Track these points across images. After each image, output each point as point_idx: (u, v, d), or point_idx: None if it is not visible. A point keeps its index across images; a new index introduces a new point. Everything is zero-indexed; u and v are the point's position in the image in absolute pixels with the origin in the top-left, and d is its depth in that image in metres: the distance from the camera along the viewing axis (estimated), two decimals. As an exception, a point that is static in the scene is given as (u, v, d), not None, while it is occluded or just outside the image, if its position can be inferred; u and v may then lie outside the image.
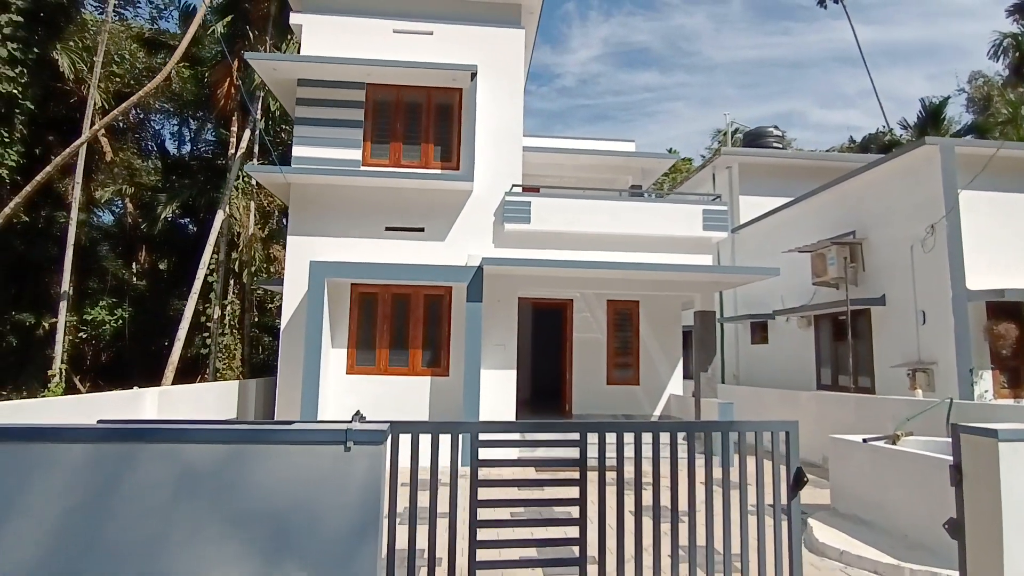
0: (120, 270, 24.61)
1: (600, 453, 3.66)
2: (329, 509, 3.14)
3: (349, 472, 3.16)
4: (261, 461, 3.15)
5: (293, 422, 3.42)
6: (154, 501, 3.07)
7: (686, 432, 3.80)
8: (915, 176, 10.53)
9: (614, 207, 10.97)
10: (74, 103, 20.00)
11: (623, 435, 3.70)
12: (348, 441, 3.16)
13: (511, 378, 10.53)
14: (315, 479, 3.15)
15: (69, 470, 3.06)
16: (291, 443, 3.18)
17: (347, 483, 3.16)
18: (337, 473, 3.16)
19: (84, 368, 22.44)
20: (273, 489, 3.14)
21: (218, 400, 10.68)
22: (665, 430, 3.78)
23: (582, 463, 3.65)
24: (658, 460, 3.79)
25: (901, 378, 10.52)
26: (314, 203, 10.66)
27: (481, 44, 11.28)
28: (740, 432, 3.89)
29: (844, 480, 6.96)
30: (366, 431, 3.19)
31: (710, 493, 3.79)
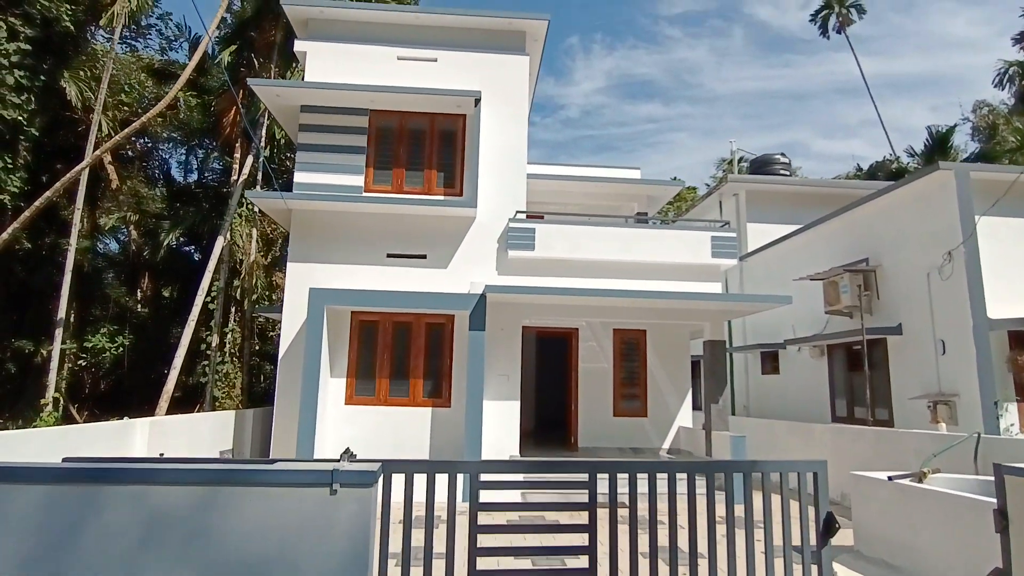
0: (123, 297, 24.50)
1: (611, 495, 3.34)
2: (312, 559, 2.83)
3: (335, 517, 2.86)
4: (237, 504, 2.85)
5: (275, 460, 3.13)
6: (119, 548, 2.77)
7: (705, 473, 3.49)
8: (929, 202, 10.30)
9: (620, 234, 10.75)
10: (82, 131, 20.08)
11: (636, 476, 3.39)
12: (334, 483, 2.87)
13: (515, 409, 10.18)
14: (297, 525, 2.85)
15: (27, 514, 2.77)
16: (270, 485, 2.89)
17: (332, 530, 2.85)
18: (321, 518, 2.86)
19: (83, 396, 22.14)
20: (250, 536, 2.84)
21: (213, 431, 10.34)
22: (681, 470, 3.47)
23: (591, 506, 3.33)
24: (674, 498, 3.46)
25: (921, 410, 10.11)
26: (315, 229, 10.49)
27: (485, 71, 11.23)
28: (764, 472, 3.57)
29: (868, 520, 6.56)
30: (354, 472, 2.90)
31: (732, 535, 3.46)
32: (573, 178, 14.29)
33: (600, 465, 3.36)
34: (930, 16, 57.03)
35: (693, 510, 3.44)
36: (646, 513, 3.39)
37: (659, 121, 68.58)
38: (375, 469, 2.92)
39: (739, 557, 3.47)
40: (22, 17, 14.33)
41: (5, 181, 14.30)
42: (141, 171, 24.91)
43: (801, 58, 63.41)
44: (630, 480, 3.37)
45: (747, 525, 3.47)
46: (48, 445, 6.27)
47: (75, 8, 15.68)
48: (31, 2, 14.35)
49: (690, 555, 3.38)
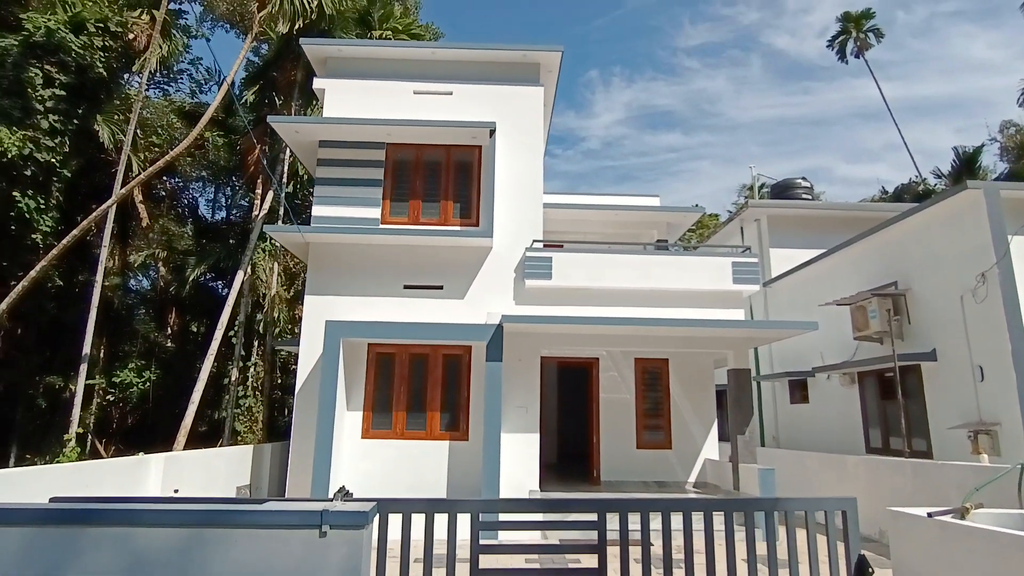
0: (152, 332, 24.95)
1: (622, 535, 3.14)
2: (300, 606, 2.67)
3: (324, 561, 2.71)
4: (222, 548, 2.72)
5: (264, 500, 3.01)
6: (101, 595, 2.65)
7: (724, 511, 3.26)
8: (959, 222, 9.94)
9: (638, 261, 10.59)
10: (115, 172, 20.82)
11: (648, 516, 3.18)
12: (323, 524, 2.73)
13: (534, 442, 9.93)
14: (285, 569, 2.71)
15: (7, 558, 2.67)
16: (256, 527, 2.75)
17: (322, 574, 2.70)
18: (310, 562, 2.71)
19: (110, 431, 22.40)
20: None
21: (229, 466, 10.29)
22: (699, 508, 3.26)
23: (600, 548, 3.12)
24: (691, 536, 3.23)
25: (961, 441, 9.58)
26: (332, 262, 10.54)
27: (500, 102, 11.32)
28: (788, 511, 3.33)
29: (909, 560, 6.10)
30: (345, 513, 2.76)
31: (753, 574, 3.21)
32: (591, 207, 14.22)
33: (611, 503, 3.17)
34: (950, 40, 56.59)
35: (711, 550, 3.20)
36: (662, 552, 3.18)
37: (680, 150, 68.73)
38: (367, 510, 2.77)
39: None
40: (57, 65, 14.98)
41: (38, 220, 14.74)
42: (171, 210, 25.65)
43: (820, 84, 63.24)
44: (642, 519, 3.16)
45: (771, 566, 3.22)
46: (61, 481, 6.24)
47: (108, 55, 16.33)
48: (66, 50, 14.99)
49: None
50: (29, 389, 19.86)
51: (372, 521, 2.89)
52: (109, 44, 16.36)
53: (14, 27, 15.87)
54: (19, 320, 19.33)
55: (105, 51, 16.24)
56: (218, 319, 15.15)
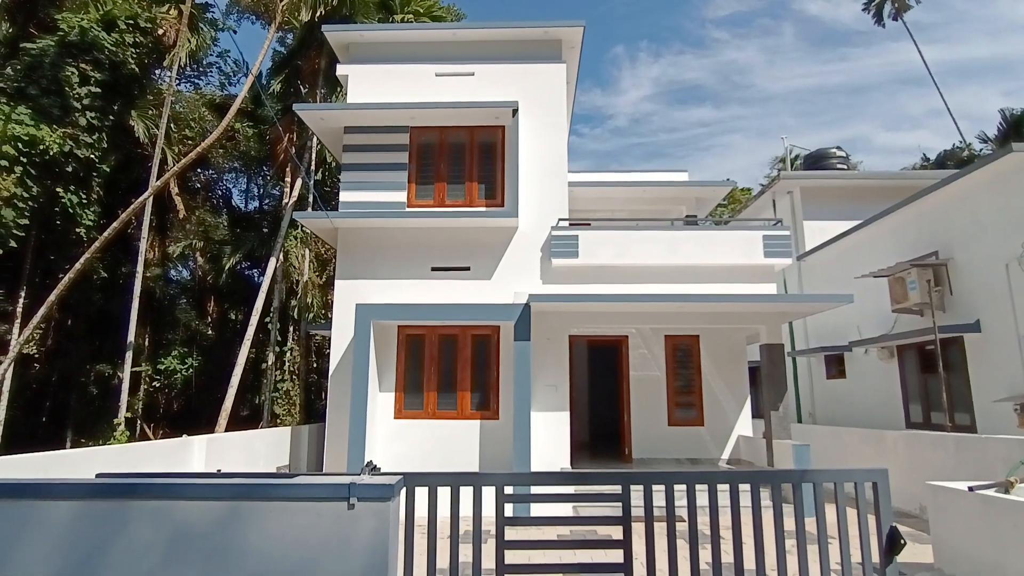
0: (193, 321, 25.78)
1: (647, 507, 3.15)
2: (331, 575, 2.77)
3: (352, 533, 2.80)
4: (257, 521, 2.83)
5: (296, 474, 3.11)
6: (143, 567, 2.79)
7: (750, 483, 3.24)
8: (1004, 187, 9.51)
9: (666, 237, 10.44)
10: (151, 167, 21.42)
11: (672, 488, 3.18)
12: (351, 497, 2.81)
13: (564, 420, 9.98)
14: (316, 541, 2.80)
15: (57, 529, 2.83)
16: (288, 499, 2.85)
17: (351, 545, 2.79)
18: (339, 534, 2.80)
19: (158, 416, 23.31)
20: (269, 552, 2.81)
21: (269, 447, 10.62)
22: (724, 481, 3.24)
23: (625, 520, 3.14)
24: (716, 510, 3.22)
25: (1007, 414, 9.27)
26: (361, 247, 10.68)
27: (523, 81, 11.22)
28: (816, 484, 3.29)
29: (949, 536, 6.01)
30: (372, 486, 2.83)
31: (781, 550, 3.19)
32: (618, 184, 14.07)
33: (634, 476, 3.18)
34: None
35: (737, 523, 3.20)
36: (686, 527, 3.18)
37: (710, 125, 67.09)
38: (394, 483, 2.84)
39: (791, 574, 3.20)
40: (92, 63, 15.38)
41: (80, 215, 15.29)
42: (207, 201, 26.28)
43: (857, 51, 60.73)
44: (666, 492, 3.16)
45: (799, 539, 3.20)
46: (110, 462, 6.54)
47: (139, 51, 16.70)
48: (100, 48, 15.38)
49: (736, 572, 3.13)
50: (81, 377, 20.79)
51: (399, 494, 2.96)
52: (139, 40, 16.74)
53: (51, 28, 16.36)
54: (69, 311, 20.19)
55: (136, 47, 16.62)
56: (253, 305, 15.53)
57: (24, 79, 14.86)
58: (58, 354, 19.88)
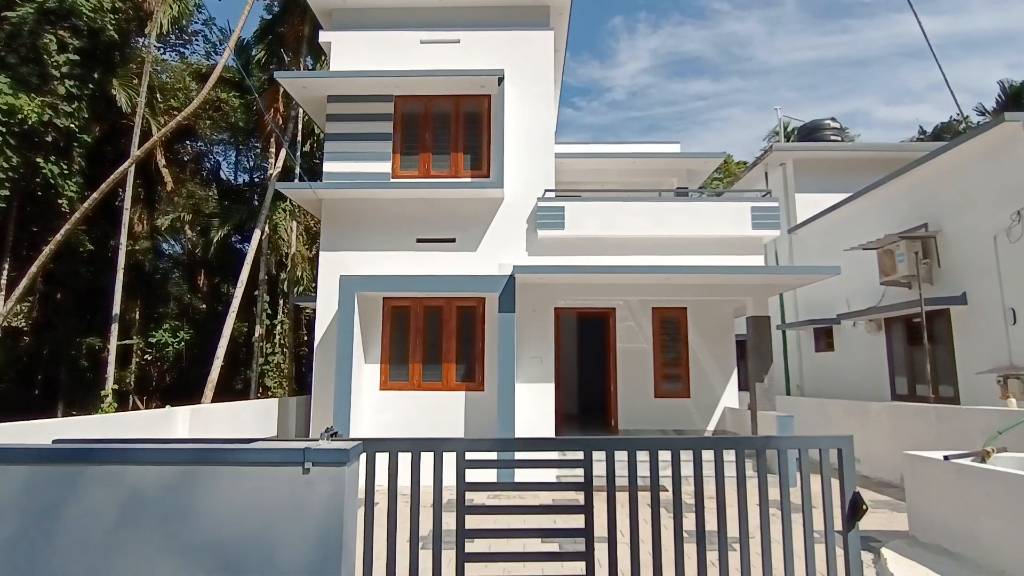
0: (185, 295, 25.70)
1: (609, 474, 3.13)
2: (286, 540, 2.75)
3: (308, 497, 2.77)
4: (212, 485, 2.80)
5: (255, 440, 3.07)
6: (97, 530, 2.76)
7: (713, 449, 3.22)
8: (995, 158, 9.41)
9: (653, 208, 10.34)
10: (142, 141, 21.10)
11: (635, 454, 3.16)
12: (306, 462, 2.77)
13: (549, 392, 9.99)
14: (271, 505, 2.77)
15: (9, 494, 2.80)
16: (243, 464, 2.81)
17: (305, 510, 2.76)
18: (294, 499, 2.77)
19: (150, 389, 23.39)
20: (224, 517, 2.78)
21: (255, 418, 10.64)
22: (687, 447, 3.22)
23: (587, 487, 3.12)
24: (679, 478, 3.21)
25: (990, 386, 9.32)
26: (345, 218, 10.56)
27: (509, 48, 10.98)
28: (780, 449, 3.27)
29: (924, 504, 6.05)
30: (327, 451, 2.80)
31: (744, 516, 3.19)
32: (608, 155, 13.88)
33: (597, 442, 3.15)
34: (1004, -36, 52.50)
35: (700, 489, 3.18)
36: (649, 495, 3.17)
37: (709, 98, 66.22)
38: (349, 448, 2.80)
39: (755, 539, 3.20)
40: (70, 30, 15.00)
41: (62, 186, 15.07)
42: (196, 174, 25.98)
43: (860, 22, 59.76)
44: (629, 458, 3.14)
45: (762, 505, 3.19)
46: (90, 432, 6.52)
47: (118, 17, 16.28)
48: (78, 14, 14.98)
49: (697, 538, 3.13)
50: (72, 350, 20.78)
51: (356, 459, 2.92)
52: (118, 5, 16.30)
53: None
54: (57, 285, 20.09)
55: (115, 13, 16.20)
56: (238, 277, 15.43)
57: (4, 48, 14.51)
58: (47, 327, 19.82)
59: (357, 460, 2.96)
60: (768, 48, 64.40)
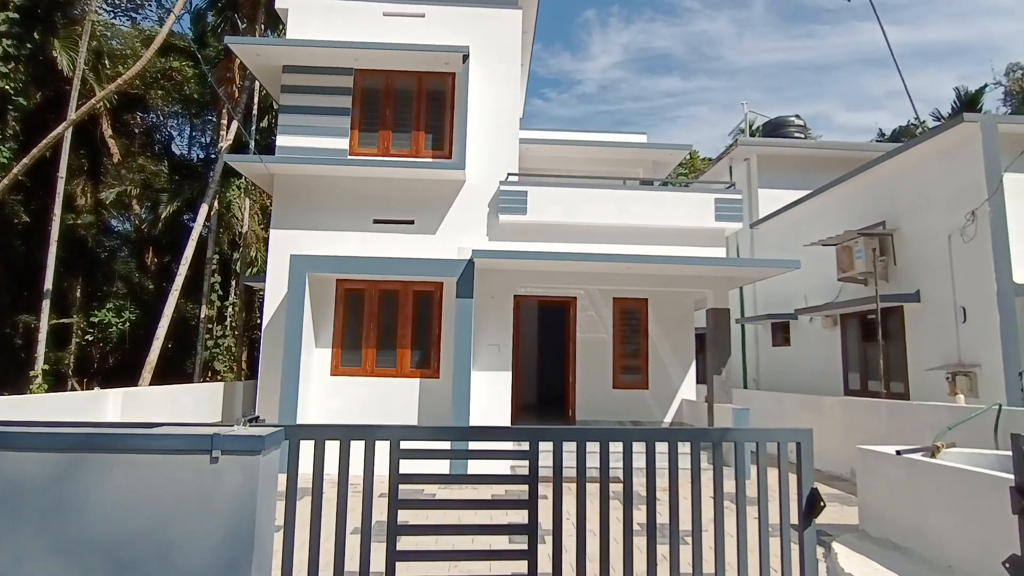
0: (134, 273, 24.50)
1: (555, 467, 2.90)
2: (189, 535, 2.42)
3: (215, 489, 2.45)
4: (102, 475, 2.44)
5: (159, 424, 2.72)
6: (-37, 525, 2.39)
7: (667, 441, 3.01)
8: (953, 158, 9.53)
9: (617, 196, 10.17)
10: (82, 104, 19.91)
11: (585, 444, 2.93)
12: (214, 450, 2.45)
13: (506, 380, 9.76)
14: (171, 498, 2.44)
15: None
16: (140, 451, 2.47)
17: (212, 503, 2.44)
18: (200, 490, 2.44)
19: (91, 371, 22.26)
20: (118, 512, 2.43)
21: (198, 403, 10.11)
22: (640, 439, 3.00)
23: (532, 479, 2.88)
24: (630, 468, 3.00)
25: (939, 382, 9.50)
26: (298, 195, 10.07)
27: (476, 26, 10.61)
28: (738, 442, 3.08)
29: (875, 498, 6.05)
30: (238, 438, 2.47)
31: (697, 510, 3.01)
32: (573, 143, 13.66)
33: (544, 432, 2.90)
34: (961, -20, 54.27)
35: (652, 482, 2.97)
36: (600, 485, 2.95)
37: (678, 95, 66.81)
38: (265, 434, 2.49)
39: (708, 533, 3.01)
40: (7, -16, 13.97)
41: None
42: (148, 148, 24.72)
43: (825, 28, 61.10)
44: (578, 449, 2.91)
45: (716, 498, 3.00)
46: (4, 416, 5.99)
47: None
48: (14, -33, 13.95)
49: (647, 533, 2.92)
50: (6, 328, 19.59)
51: (274, 447, 2.61)
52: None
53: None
54: (-12, 258, 18.85)
55: (58, -32, 15.14)
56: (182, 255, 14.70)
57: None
58: (-24, 303, 18.62)
59: (276, 448, 2.65)
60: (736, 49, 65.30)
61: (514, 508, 2.91)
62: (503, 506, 2.93)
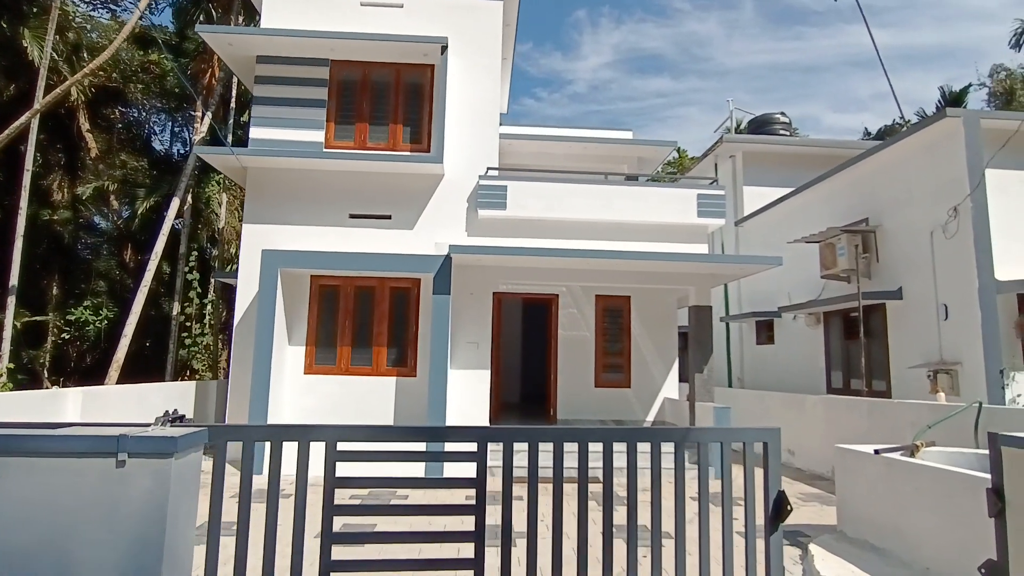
0: (114, 270, 24.04)
1: (505, 468, 2.71)
2: (91, 546, 2.20)
3: (122, 495, 2.22)
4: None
5: (62, 424, 2.50)
6: None
7: (625, 441, 2.83)
8: (935, 154, 9.44)
9: (599, 191, 10.00)
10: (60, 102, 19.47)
11: (538, 445, 2.74)
12: (120, 452, 2.23)
13: (484, 379, 9.57)
14: (73, 505, 2.21)
15: None
16: (36, 454, 2.24)
17: (118, 511, 2.21)
18: (105, 497, 2.22)
19: (67, 370, 21.81)
20: (9, 520, 2.20)
21: (167, 402, 9.81)
22: (597, 439, 2.82)
23: (480, 482, 2.69)
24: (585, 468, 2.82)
25: (921, 380, 9.40)
26: (272, 189, 9.82)
27: (455, 18, 10.40)
28: (701, 443, 2.91)
29: (853, 499, 5.90)
30: (148, 439, 2.25)
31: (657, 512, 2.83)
32: (556, 138, 13.46)
33: (493, 433, 2.71)
34: (947, -16, 54.67)
35: (609, 484, 2.79)
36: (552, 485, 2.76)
37: (668, 95, 66.92)
38: (179, 435, 2.27)
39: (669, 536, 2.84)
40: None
41: (-40, 144, 13.63)
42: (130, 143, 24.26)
43: (813, 30, 61.39)
44: (530, 450, 2.72)
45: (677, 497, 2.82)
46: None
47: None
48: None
49: (603, 539, 2.74)
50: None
51: (192, 449, 2.39)
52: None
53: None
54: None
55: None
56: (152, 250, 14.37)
57: None
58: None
59: (195, 450, 2.44)
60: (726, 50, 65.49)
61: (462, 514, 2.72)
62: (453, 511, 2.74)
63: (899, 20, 54.88)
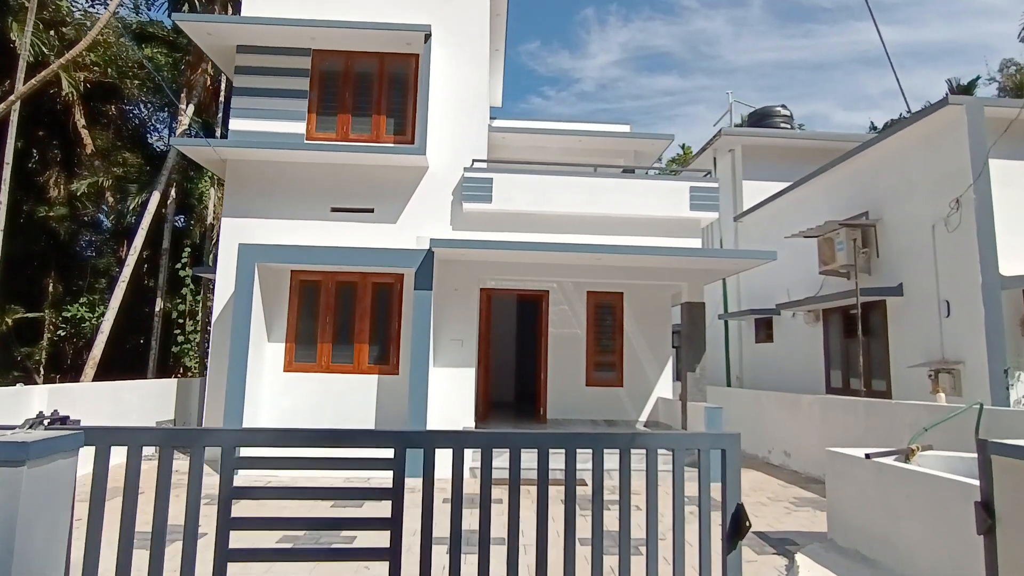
0: (112, 267, 23.94)
1: (427, 474, 2.42)
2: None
3: (-34, 509, 1.95)
4: None
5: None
6: None
7: (563, 448, 2.53)
8: (937, 144, 9.05)
9: (588, 184, 9.67)
10: (53, 94, 19.35)
11: (462, 452, 2.45)
12: (-35, 460, 1.96)
13: (469, 378, 9.28)
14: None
15: None
16: None
17: (-38, 527, 1.95)
18: (-52, 511, 1.95)
19: (64, 367, 21.72)
20: None
21: (145, 400, 9.61)
22: (529, 445, 2.52)
23: (396, 492, 2.40)
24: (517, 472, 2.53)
25: (921, 380, 9.03)
26: (252, 181, 9.57)
27: (441, 6, 10.10)
28: (650, 448, 2.61)
29: (843, 505, 5.58)
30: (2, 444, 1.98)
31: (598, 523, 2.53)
32: (551, 132, 13.14)
33: (411, 437, 2.42)
34: (956, -18, 53.80)
35: (544, 492, 2.50)
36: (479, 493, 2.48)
37: (676, 94, 66.40)
38: (30, 440, 1.99)
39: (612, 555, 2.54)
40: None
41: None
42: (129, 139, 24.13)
43: (822, 28, 60.62)
44: (455, 457, 2.43)
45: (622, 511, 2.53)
46: None
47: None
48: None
49: (537, 549, 2.45)
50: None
51: (55, 454, 2.12)
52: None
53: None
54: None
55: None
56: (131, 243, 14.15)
57: None
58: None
59: (65, 455, 2.16)
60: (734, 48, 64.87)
61: (374, 529, 2.43)
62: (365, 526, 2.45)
63: (907, 17, 54.14)
